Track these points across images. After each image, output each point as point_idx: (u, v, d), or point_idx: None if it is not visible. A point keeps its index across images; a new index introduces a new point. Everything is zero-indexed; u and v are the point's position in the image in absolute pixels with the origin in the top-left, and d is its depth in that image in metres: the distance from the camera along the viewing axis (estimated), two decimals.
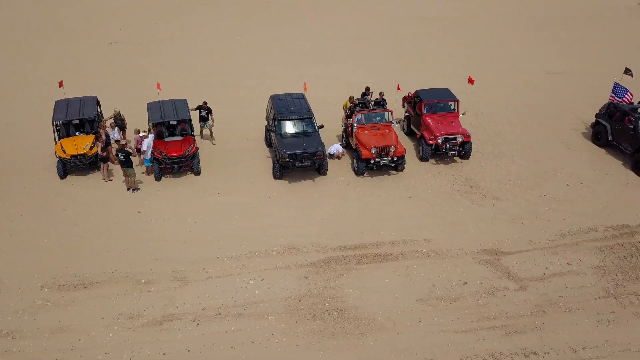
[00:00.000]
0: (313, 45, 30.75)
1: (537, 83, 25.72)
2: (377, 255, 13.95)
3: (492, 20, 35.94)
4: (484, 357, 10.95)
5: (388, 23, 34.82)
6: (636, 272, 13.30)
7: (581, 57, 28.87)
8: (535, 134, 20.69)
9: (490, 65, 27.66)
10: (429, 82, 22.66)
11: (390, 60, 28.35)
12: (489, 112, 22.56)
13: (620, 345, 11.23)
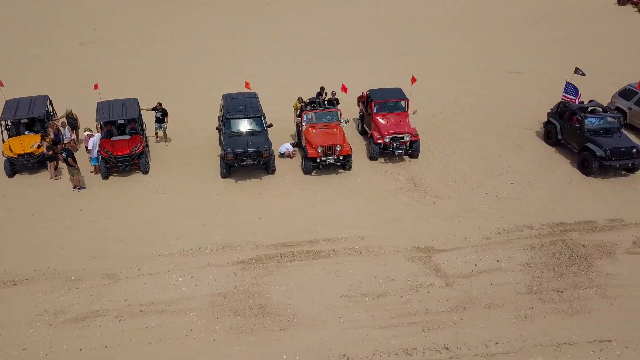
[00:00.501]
0: (291, 44, 30.98)
1: (501, 82, 25.92)
2: (309, 253, 14.10)
3: (465, 20, 36.20)
4: (396, 353, 11.10)
5: (360, 23, 35.09)
6: (562, 269, 13.46)
7: (550, 57, 29.02)
8: (489, 133, 20.86)
9: (457, 65, 27.85)
10: (392, 80, 22.89)
11: (358, 58, 28.59)
12: (449, 111, 22.73)
13: (532, 340, 11.39)
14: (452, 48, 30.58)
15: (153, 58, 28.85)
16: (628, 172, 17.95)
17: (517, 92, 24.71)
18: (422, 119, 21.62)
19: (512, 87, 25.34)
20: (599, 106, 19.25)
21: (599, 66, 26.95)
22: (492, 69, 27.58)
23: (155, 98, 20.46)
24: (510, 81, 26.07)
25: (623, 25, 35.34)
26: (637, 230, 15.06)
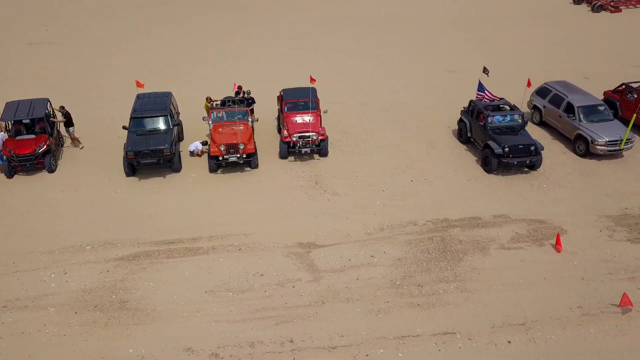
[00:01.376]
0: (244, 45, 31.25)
1: (436, 82, 26.13)
2: (188, 250, 14.37)
3: (416, 20, 36.48)
4: (241, 345, 11.39)
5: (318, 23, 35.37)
6: (430, 265, 13.74)
7: (491, 56, 29.23)
8: (407, 131, 21.08)
9: (399, 64, 28.09)
10: (328, 81, 23.34)
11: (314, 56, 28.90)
12: (373, 110, 22.97)
13: (377, 333, 11.68)
14: (399, 48, 30.81)
15: (101, 59, 29.10)
16: (530, 169, 18.27)
17: (448, 91, 24.96)
18: (344, 117, 21.98)
19: (444, 86, 25.60)
20: (507, 104, 19.56)
21: (550, 65, 27.37)
22: (432, 68, 27.79)
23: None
24: (445, 80, 26.33)
25: (576, 25, 35.63)
26: (519, 226, 15.36)
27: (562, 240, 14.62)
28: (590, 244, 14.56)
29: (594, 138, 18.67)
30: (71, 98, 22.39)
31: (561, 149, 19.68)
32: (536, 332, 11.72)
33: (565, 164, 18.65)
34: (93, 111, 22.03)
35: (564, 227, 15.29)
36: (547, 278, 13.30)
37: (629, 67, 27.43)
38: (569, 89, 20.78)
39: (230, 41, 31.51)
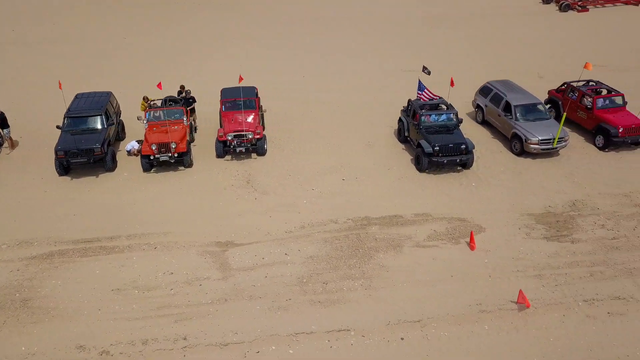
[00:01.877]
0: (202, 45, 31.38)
1: (390, 81, 26.24)
2: (103, 248, 14.47)
3: (378, 19, 36.64)
4: (133, 343, 11.49)
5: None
6: (340, 262, 13.85)
7: (453, 55, 29.39)
8: (351, 131, 21.16)
9: (349, 64, 28.22)
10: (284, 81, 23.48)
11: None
12: (323, 110, 23.07)
13: (271, 330, 11.79)
14: (356, 46, 30.96)
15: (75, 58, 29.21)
16: (462, 168, 18.39)
17: (400, 90, 25.04)
18: (291, 116, 22.13)
19: (398, 85, 25.68)
20: (444, 104, 19.67)
21: (508, 63, 27.60)
22: (388, 67, 27.91)
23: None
24: (400, 79, 26.42)
25: (542, 24, 35.75)
26: (439, 224, 15.47)
27: (480, 238, 14.76)
28: (506, 242, 14.67)
29: (527, 137, 18.80)
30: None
31: (499, 148, 19.80)
32: (430, 329, 11.83)
33: (499, 163, 18.76)
34: (38, 111, 22.11)
35: (483, 225, 15.40)
36: (453, 275, 13.41)
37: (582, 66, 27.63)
38: (509, 88, 20.90)
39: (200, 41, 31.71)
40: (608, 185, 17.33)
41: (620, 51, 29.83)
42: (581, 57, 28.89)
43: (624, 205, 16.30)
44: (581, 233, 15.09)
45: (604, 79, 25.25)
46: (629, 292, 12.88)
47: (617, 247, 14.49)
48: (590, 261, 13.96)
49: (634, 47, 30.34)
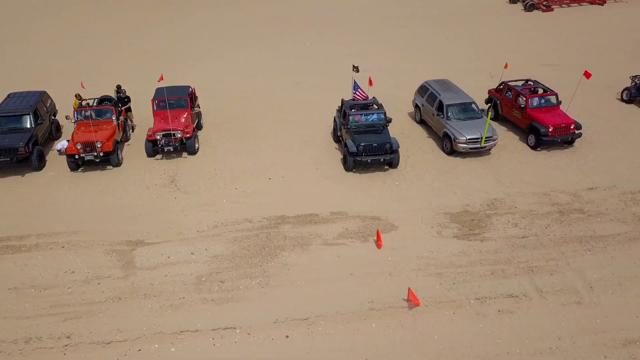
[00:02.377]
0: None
1: (340, 82, 26.28)
2: (10, 247, 14.53)
3: (340, 18, 36.80)
4: (16, 342, 11.54)
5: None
6: (242, 261, 13.90)
7: (412, 54, 29.57)
8: (289, 130, 21.22)
9: (296, 64, 28.36)
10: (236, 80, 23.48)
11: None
12: (266, 109, 23.16)
13: (157, 328, 11.85)
14: (307, 46, 31.13)
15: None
16: (389, 167, 18.48)
17: (347, 90, 25.19)
18: (232, 115, 22.22)
19: (349, 84, 25.73)
20: (375, 103, 19.76)
21: (464, 63, 27.82)
22: (341, 67, 27.98)
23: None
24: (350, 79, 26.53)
25: (506, 23, 35.88)
26: (352, 222, 15.53)
27: (390, 236, 14.85)
28: (414, 241, 14.75)
29: (455, 136, 18.90)
30: None
31: (431, 147, 19.90)
32: (317, 327, 11.90)
33: (428, 162, 18.87)
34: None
35: (396, 223, 15.48)
36: (353, 274, 13.49)
37: (537, 65, 27.75)
38: (444, 87, 21.00)
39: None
40: (531, 184, 17.43)
41: (575, 51, 30.01)
42: (537, 56, 29.18)
43: (542, 204, 16.40)
44: (493, 232, 15.19)
45: (551, 78, 25.58)
46: (524, 290, 12.97)
47: (524, 245, 14.59)
48: (494, 260, 14.06)
49: (590, 47, 30.55)
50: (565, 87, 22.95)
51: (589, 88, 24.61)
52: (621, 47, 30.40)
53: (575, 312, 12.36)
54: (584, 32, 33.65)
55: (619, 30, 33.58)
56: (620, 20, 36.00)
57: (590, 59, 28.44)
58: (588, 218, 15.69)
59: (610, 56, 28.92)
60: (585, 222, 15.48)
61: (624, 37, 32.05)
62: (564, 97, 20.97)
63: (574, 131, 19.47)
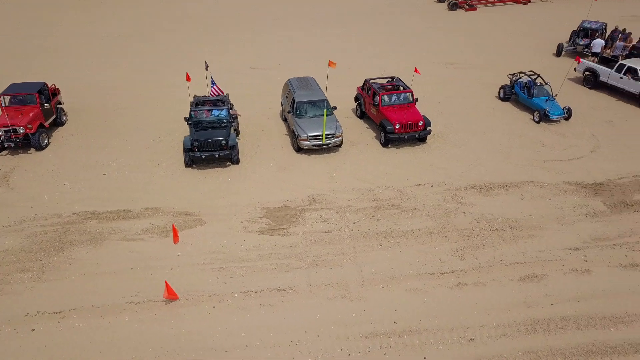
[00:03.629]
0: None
1: (242, 79, 26.40)
2: None
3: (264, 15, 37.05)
4: None
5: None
6: (25, 256, 13.95)
7: (324, 51, 29.83)
8: (154, 126, 21.30)
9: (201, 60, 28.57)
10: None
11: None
12: (148, 105, 23.28)
13: None
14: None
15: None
16: (231, 163, 18.63)
17: (251, 87, 25.28)
18: (103, 114, 22.30)
19: (247, 82, 25.87)
20: (223, 101, 19.87)
21: (366, 61, 27.86)
22: (240, 65, 28.27)
23: None
24: (247, 76, 26.69)
25: (427, 21, 36.23)
26: (162, 218, 15.59)
27: (191, 232, 14.98)
28: (215, 236, 14.84)
29: (298, 133, 19.09)
30: None
31: (284, 144, 20.07)
32: (68, 321, 11.99)
33: (272, 158, 19.02)
34: None
35: (206, 219, 15.59)
36: (134, 268, 13.58)
37: (435, 64, 28.05)
38: (302, 85, 21.16)
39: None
40: (362, 180, 17.60)
41: (480, 49, 30.30)
42: (441, 55, 29.46)
43: (362, 200, 16.57)
44: (300, 227, 15.33)
45: (446, 76, 26.01)
46: (294, 284, 13.11)
47: (322, 240, 14.74)
48: (285, 254, 14.19)
49: (498, 46, 30.86)
50: (458, 85, 23.38)
51: (478, 86, 25.01)
52: (531, 45, 30.70)
53: (337, 305, 12.51)
54: (499, 31, 34.03)
55: (534, 30, 33.94)
56: (539, 20, 36.44)
57: (492, 58, 28.82)
58: (401, 214, 15.88)
59: (513, 55, 29.18)
60: (396, 218, 15.67)
61: (535, 36, 32.39)
62: (457, 94, 21.29)
63: (422, 128, 19.70)
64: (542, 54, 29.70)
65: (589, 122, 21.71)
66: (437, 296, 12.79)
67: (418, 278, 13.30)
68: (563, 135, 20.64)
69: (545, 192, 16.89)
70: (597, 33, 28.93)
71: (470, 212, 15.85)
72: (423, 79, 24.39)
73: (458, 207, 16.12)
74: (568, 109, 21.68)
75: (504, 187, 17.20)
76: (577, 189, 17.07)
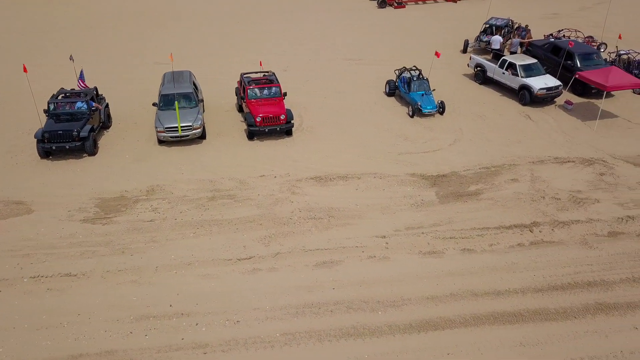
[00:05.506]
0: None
1: (140, 74, 26.76)
2: None
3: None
4: None
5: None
6: None
7: (244, 49, 30.32)
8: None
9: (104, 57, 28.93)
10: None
11: None
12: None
13: None
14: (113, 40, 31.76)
15: None
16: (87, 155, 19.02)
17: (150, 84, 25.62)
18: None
19: (144, 77, 26.23)
20: (86, 92, 20.27)
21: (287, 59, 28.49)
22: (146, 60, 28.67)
23: None
24: (145, 72, 27.05)
25: (354, 19, 36.66)
26: None
27: (20, 220, 15.35)
28: (35, 224, 15.20)
29: (156, 125, 19.44)
30: None
31: (149, 137, 20.43)
32: None
33: (131, 150, 19.40)
34: None
35: (36, 207, 15.97)
36: None
37: (341, 60, 28.53)
38: (173, 78, 21.51)
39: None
40: (208, 171, 17.99)
41: (392, 46, 30.71)
42: (348, 52, 29.90)
43: (201, 190, 16.95)
44: (126, 216, 15.70)
45: (347, 72, 26.55)
46: (87, 270, 13.48)
47: (141, 228, 15.13)
48: (95, 242, 14.51)
49: (411, 42, 31.26)
50: (353, 80, 24.31)
51: (372, 82, 25.49)
52: (444, 42, 31.08)
53: (122, 290, 12.89)
54: (419, 28, 34.38)
55: (455, 27, 34.23)
56: (464, 17, 36.84)
57: (400, 54, 29.17)
58: (232, 203, 16.28)
59: (420, 51, 29.44)
60: (225, 208, 16.06)
61: (452, 33, 32.65)
62: (348, 89, 21.79)
63: (283, 122, 20.11)
64: (452, 50, 30.19)
65: (462, 116, 22.19)
66: (227, 281, 13.20)
67: (214, 264, 13.71)
68: (430, 129, 21.12)
69: (383, 183, 17.34)
70: (502, 30, 29.50)
71: (297, 202, 16.27)
72: (320, 75, 24.92)
73: (289, 197, 16.54)
74: (441, 103, 22.18)
75: (344, 178, 17.64)
76: (417, 181, 17.53)
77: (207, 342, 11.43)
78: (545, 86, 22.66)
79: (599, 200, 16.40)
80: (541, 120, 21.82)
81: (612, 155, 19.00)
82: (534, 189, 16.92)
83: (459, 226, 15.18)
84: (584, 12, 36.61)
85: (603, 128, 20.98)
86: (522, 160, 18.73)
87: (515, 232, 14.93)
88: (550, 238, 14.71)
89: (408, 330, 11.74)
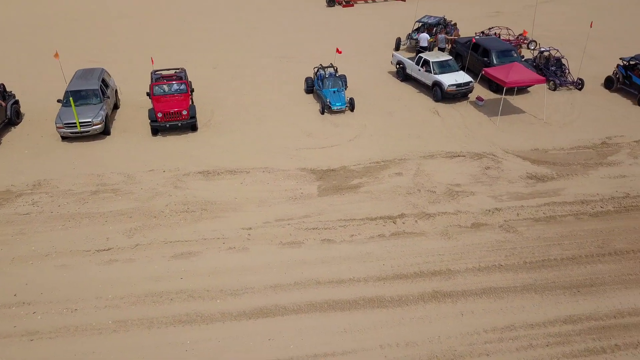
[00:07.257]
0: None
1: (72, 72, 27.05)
2: None
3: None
4: None
5: None
6: None
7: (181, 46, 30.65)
8: None
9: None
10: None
11: None
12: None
13: None
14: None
15: None
16: None
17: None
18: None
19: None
20: None
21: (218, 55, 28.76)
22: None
23: None
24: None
25: (301, 18, 37.06)
26: None
27: None
28: None
29: (56, 121, 19.82)
30: None
31: (53, 133, 20.81)
32: None
33: (31, 146, 19.70)
34: None
35: None
36: None
37: (277, 58, 28.89)
38: (82, 75, 21.90)
39: None
40: (99, 165, 18.32)
41: (327, 44, 30.83)
42: (283, 50, 30.26)
43: (87, 185, 17.25)
44: (4, 209, 16.01)
45: (269, 69, 26.90)
46: None
47: (12, 221, 15.46)
48: None
49: (348, 40, 31.50)
50: (277, 77, 25.12)
51: (295, 79, 25.90)
52: (381, 40, 31.39)
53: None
54: (362, 26, 34.68)
55: (398, 25, 34.43)
56: (410, 16, 37.18)
57: (331, 52, 29.42)
58: (113, 197, 16.61)
59: (354, 50, 29.80)
60: (105, 201, 16.39)
61: (393, 32, 32.79)
62: (268, 87, 22.41)
63: (185, 118, 20.43)
64: (386, 47, 30.53)
65: (372, 112, 22.53)
66: (80, 271, 13.53)
67: (71, 255, 14.05)
68: (336, 125, 21.46)
69: (269, 178, 17.68)
70: (433, 28, 29.88)
71: (176, 196, 16.62)
72: (249, 72, 25.31)
73: (170, 190, 16.89)
74: (351, 100, 22.53)
75: (233, 172, 17.98)
76: (304, 175, 17.87)
77: (37, 330, 11.78)
78: (455, 82, 23.04)
79: (474, 193, 16.78)
80: (448, 116, 22.19)
81: (505, 149, 19.40)
82: (413, 183, 17.28)
83: (326, 217, 15.53)
84: (526, 10, 36.99)
85: (505, 123, 21.37)
86: (414, 154, 19.09)
87: (379, 223, 15.29)
88: (412, 229, 15.08)
89: (239, 317, 12.10)
